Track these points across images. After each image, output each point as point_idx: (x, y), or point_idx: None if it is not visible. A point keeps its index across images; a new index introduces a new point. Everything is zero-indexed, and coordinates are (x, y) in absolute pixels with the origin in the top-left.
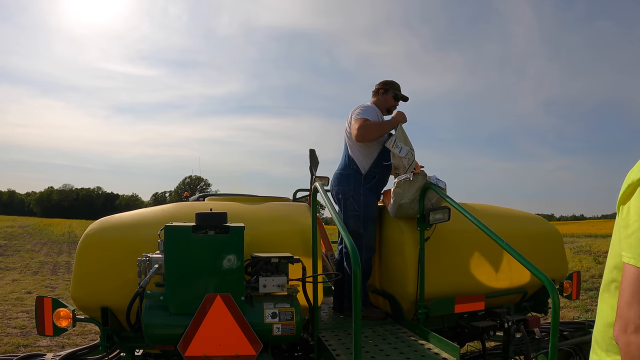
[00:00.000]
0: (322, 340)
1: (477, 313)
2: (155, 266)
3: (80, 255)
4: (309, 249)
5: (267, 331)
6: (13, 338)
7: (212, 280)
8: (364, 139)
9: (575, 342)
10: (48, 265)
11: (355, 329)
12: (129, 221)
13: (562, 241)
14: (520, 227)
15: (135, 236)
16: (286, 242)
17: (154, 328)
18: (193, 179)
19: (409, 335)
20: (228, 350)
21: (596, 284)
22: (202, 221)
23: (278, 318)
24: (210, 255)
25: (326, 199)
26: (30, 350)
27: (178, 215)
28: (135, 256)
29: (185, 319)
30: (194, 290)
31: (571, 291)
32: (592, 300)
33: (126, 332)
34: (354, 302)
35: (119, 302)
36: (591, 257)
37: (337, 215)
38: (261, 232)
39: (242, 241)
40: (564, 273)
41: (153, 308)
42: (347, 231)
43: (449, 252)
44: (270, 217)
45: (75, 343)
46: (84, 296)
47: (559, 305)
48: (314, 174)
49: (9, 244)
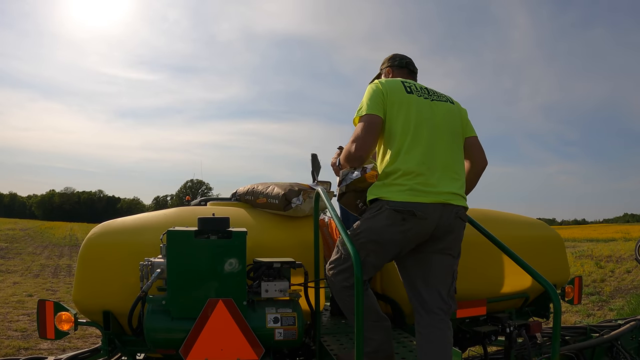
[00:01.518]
0: (324, 345)
1: (478, 318)
2: (157, 270)
3: (83, 258)
4: (311, 254)
5: (269, 336)
6: (14, 341)
7: (214, 284)
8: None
9: (577, 346)
10: (49, 268)
11: (357, 334)
12: (132, 225)
13: (563, 246)
14: (522, 232)
15: (137, 240)
16: (288, 247)
17: (155, 332)
18: (194, 183)
19: (410, 340)
20: (230, 355)
21: (598, 288)
22: (205, 226)
23: (280, 323)
24: (213, 259)
25: (328, 204)
26: (31, 353)
27: (180, 219)
28: (138, 260)
29: (187, 323)
30: (196, 295)
31: (573, 296)
32: (593, 305)
33: (128, 336)
34: (355, 306)
35: (120, 306)
36: (593, 262)
37: (339, 220)
38: (263, 237)
39: (244, 246)
40: (566, 278)
41: (155, 312)
42: (349, 236)
43: None
44: (273, 222)
45: (76, 346)
46: (85, 300)
47: (561, 310)
48: (316, 179)
49: (10, 246)
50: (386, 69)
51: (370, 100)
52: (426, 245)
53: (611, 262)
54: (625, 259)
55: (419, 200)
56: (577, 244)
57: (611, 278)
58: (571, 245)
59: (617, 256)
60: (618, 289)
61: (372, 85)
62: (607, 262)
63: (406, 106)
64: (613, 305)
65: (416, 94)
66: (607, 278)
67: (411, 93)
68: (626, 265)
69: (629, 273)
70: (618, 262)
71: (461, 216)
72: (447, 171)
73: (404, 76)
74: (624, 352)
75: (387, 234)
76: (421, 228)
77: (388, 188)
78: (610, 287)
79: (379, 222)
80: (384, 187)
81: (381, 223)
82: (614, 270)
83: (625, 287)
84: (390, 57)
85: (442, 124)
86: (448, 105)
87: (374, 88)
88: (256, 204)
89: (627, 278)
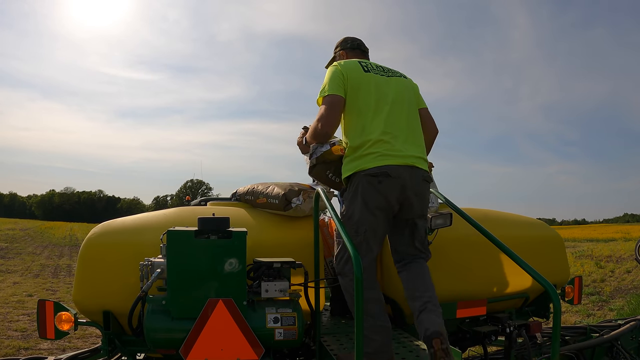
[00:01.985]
0: (324, 345)
1: (478, 318)
2: (157, 270)
3: (83, 258)
4: (311, 254)
5: (269, 336)
6: (14, 341)
7: (214, 284)
8: None
9: (577, 347)
10: (49, 268)
11: (357, 334)
12: (132, 225)
13: (563, 246)
14: (522, 232)
15: (137, 240)
16: (288, 247)
17: (156, 332)
18: (194, 183)
19: (410, 340)
20: (230, 355)
21: (598, 288)
22: (205, 226)
23: (280, 323)
24: (213, 259)
25: (328, 204)
26: (31, 353)
27: (180, 219)
28: (138, 260)
29: (187, 323)
30: (196, 295)
31: (573, 296)
32: (593, 305)
33: (128, 336)
34: (355, 306)
35: (120, 306)
36: (593, 262)
37: (339, 220)
38: (263, 237)
39: (244, 246)
40: (566, 278)
41: (155, 312)
42: (349, 235)
43: (451, 257)
44: (273, 222)
45: (76, 346)
46: (85, 300)
47: (561, 310)
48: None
49: (10, 246)
50: (340, 51)
51: (331, 81)
52: (404, 212)
53: (611, 262)
54: (625, 259)
55: (390, 163)
56: (577, 244)
57: (611, 278)
58: (571, 245)
59: (617, 256)
60: (618, 289)
61: (331, 68)
62: (607, 262)
63: (366, 84)
64: (613, 305)
65: (373, 72)
66: (607, 278)
67: (368, 72)
68: (626, 265)
69: (629, 273)
70: (618, 262)
71: (427, 178)
72: (409, 137)
73: (357, 56)
74: (624, 352)
75: (371, 201)
76: (396, 187)
77: (361, 160)
78: (610, 287)
79: (362, 192)
80: (357, 160)
81: (364, 192)
82: (614, 270)
83: (625, 287)
84: (342, 41)
85: (399, 97)
86: (402, 80)
87: (334, 70)
88: (256, 204)
89: (627, 278)
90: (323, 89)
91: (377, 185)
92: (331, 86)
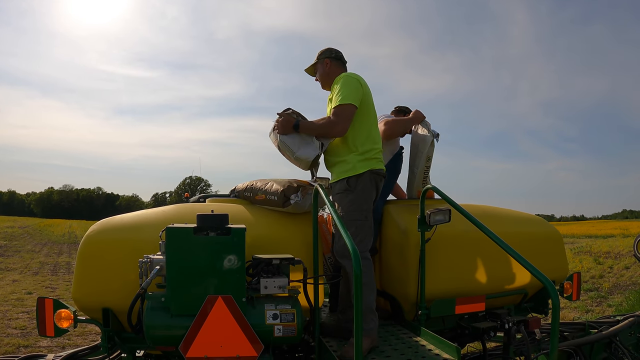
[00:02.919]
0: (323, 341)
1: (477, 314)
2: (156, 267)
3: (82, 256)
4: (310, 250)
5: (268, 332)
6: (13, 339)
7: (214, 281)
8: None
9: (576, 342)
10: (48, 265)
11: (356, 330)
12: (131, 222)
13: (562, 242)
14: (521, 228)
15: (136, 237)
16: (287, 244)
17: (155, 329)
18: (193, 180)
19: (409, 336)
20: (229, 351)
21: (596, 284)
22: (204, 222)
23: (279, 319)
24: (212, 256)
25: (327, 200)
26: (30, 350)
27: (179, 216)
28: (137, 257)
29: (187, 320)
30: (195, 292)
31: (571, 292)
32: (592, 301)
33: (127, 333)
34: (355, 303)
35: (120, 303)
36: (591, 258)
37: (338, 217)
38: (262, 234)
39: (243, 243)
40: (565, 274)
41: (154, 309)
42: (349, 232)
43: (450, 253)
44: (272, 219)
45: (75, 344)
46: (85, 297)
47: (559, 306)
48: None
49: (9, 244)
50: (325, 59)
51: (354, 91)
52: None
53: (610, 259)
54: (624, 255)
55: (382, 167)
56: (576, 240)
57: (610, 274)
58: (570, 242)
59: (616, 252)
60: (616, 285)
61: (349, 79)
62: (605, 258)
63: (371, 98)
64: (612, 301)
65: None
66: (605, 274)
67: (366, 85)
68: (625, 261)
69: (627, 269)
70: (617, 258)
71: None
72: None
73: (340, 67)
74: (622, 348)
75: (373, 194)
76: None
77: (369, 162)
78: (608, 283)
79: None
80: (366, 162)
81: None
82: (612, 267)
83: (624, 283)
84: (327, 50)
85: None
86: None
87: (354, 81)
88: (255, 200)
89: (626, 274)
90: (345, 96)
91: (379, 183)
92: (354, 97)
